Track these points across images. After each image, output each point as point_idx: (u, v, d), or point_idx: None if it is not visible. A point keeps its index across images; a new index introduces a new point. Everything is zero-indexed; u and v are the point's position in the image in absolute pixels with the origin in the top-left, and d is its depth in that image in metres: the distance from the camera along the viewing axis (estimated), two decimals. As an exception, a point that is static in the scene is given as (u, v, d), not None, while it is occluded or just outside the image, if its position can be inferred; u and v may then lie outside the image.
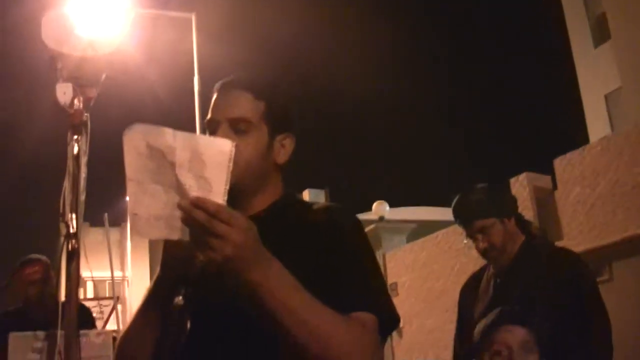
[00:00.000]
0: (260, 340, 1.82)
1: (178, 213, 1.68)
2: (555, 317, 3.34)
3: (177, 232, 1.72)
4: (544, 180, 12.91)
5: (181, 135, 1.72)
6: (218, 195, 1.68)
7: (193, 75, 15.53)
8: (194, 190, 1.68)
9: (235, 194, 1.96)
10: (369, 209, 20.17)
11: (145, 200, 1.73)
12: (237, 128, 2.02)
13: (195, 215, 1.62)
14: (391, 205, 20.75)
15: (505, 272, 3.70)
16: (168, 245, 1.92)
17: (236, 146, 1.89)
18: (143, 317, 2.01)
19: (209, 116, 2.09)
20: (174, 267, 1.94)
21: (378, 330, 1.87)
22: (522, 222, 3.80)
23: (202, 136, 1.76)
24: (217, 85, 2.14)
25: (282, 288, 1.72)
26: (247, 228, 1.67)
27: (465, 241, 3.83)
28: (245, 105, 2.05)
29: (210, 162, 1.70)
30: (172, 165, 1.71)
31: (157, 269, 2.02)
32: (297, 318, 1.72)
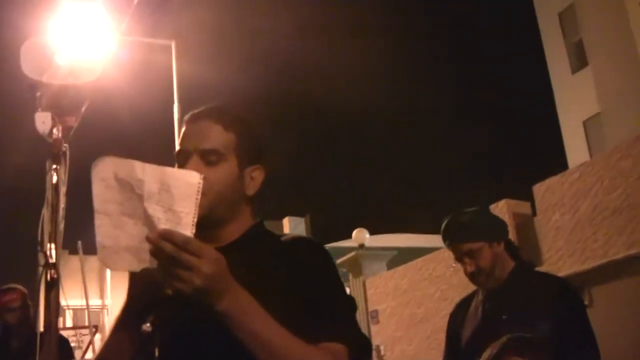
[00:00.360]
0: None
1: (147, 245, 1.68)
2: (552, 340, 3.33)
3: (145, 263, 1.73)
4: (524, 207, 12.95)
5: (150, 168, 1.73)
6: (186, 227, 1.70)
7: (173, 101, 15.52)
8: (162, 222, 1.69)
9: (205, 225, 1.96)
10: (350, 236, 20.16)
11: (114, 232, 1.74)
12: (207, 160, 2.03)
13: (164, 248, 1.63)
14: (371, 233, 20.75)
15: (495, 296, 3.67)
16: (133, 273, 1.90)
17: (206, 178, 1.90)
18: (111, 345, 1.99)
19: (178, 147, 2.09)
20: (140, 295, 1.93)
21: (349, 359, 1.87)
22: (511, 248, 3.77)
23: (171, 169, 1.76)
24: (186, 117, 2.15)
25: (251, 318, 1.74)
26: (216, 259, 1.68)
27: (453, 264, 3.80)
28: (216, 137, 2.06)
29: (178, 195, 1.71)
30: (141, 197, 1.72)
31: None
32: (268, 348, 1.74)
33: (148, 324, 1.98)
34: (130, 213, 1.73)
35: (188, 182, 1.73)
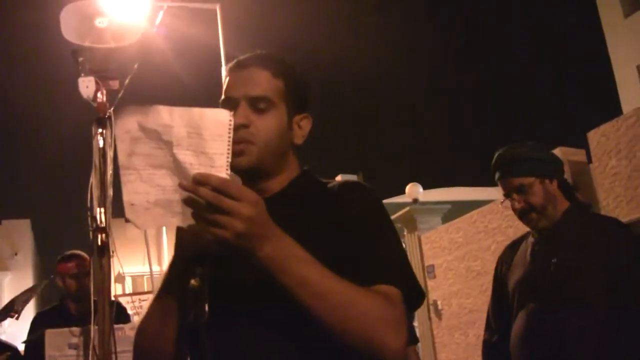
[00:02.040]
0: (282, 317, 1.76)
1: (178, 196, 1.61)
2: (604, 288, 3.22)
3: (178, 216, 1.65)
4: (579, 154, 12.74)
5: (177, 111, 1.64)
6: (221, 169, 1.61)
7: (220, 66, 15.52)
8: (194, 167, 1.61)
9: (253, 175, 1.92)
10: (403, 192, 20.07)
11: (142, 187, 1.65)
12: (256, 107, 1.95)
13: (200, 193, 1.55)
14: (425, 187, 20.64)
15: (546, 238, 3.51)
16: (180, 227, 1.84)
17: (255, 126, 1.83)
18: (160, 302, 1.94)
19: (224, 95, 2.02)
20: (187, 247, 1.86)
21: (403, 303, 1.81)
22: (566, 187, 3.57)
23: (199, 109, 1.66)
24: (231, 64, 2.07)
25: (296, 261, 1.66)
26: (256, 202, 1.60)
27: (501, 201, 3.62)
28: (265, 84, 1.98)
29: (209, 135, 1.62)
30: (169, 144, 1.63)
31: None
32: (314, 290, 1.66)
33: (197, 278, 1.93)
34: (158, 164, 1.65)
35: (218, 120, 1.64)
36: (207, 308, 1.93)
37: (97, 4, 3.75)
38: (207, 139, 1.62)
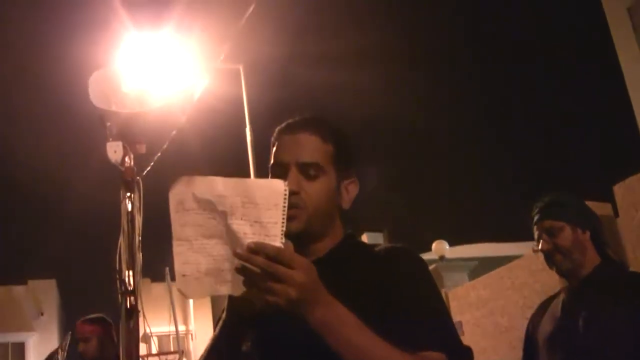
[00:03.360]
0: None
1: (227, 265, 1.64)
2: (637, 340, 3.19)
3: (228, 285, 1.68)
4: (605, 208, 12.66)
5: (231, 182, 1.68)
6: (275, 238, 1.64)
7: (244, 125, 15.63)
8: (248, 236, 1.64)
9: (302, 240, 1.93)
10: (429, 248, 20.00)
11: (193, 257, 1.68)
12: (307, 173, 1.97)
13: (255, 261, 1.58)
14: (451, 244, 20.56)
15: (577, 292, 3.48)
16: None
17: (306, 192, 1.85)
18: None
19: (273, 160, 2.04)
20: (239, 313, 1.89)
21: None
22: (598, 242, 3.56)
23: (253, 179, 1.71)
24: (281, 128, 2.08)
25: (347, 327, 1.68)
26: (308, 269, 1.63)
27: (534, 246, 3.64)
28: (316, 150, 2.01)
29: (263, 205, 1.66)
30: (223, 214, 1.66)
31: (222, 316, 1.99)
32: (364, 356, 1.67)
33: (248, 343, 1.94)
34: (210, 234, 1.68)
35: (273, 190, 1.67)
36: None
37: (123, 70, 3.82)
38: (262, 208, 1.65)
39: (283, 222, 1.67)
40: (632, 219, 12.05)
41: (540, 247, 3.55)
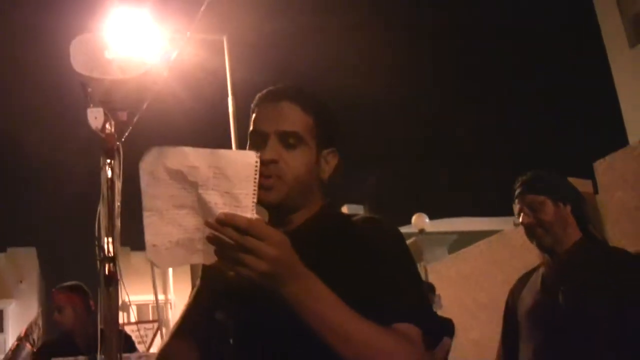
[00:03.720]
0: (305, 353, 1.76)
1: (199, 235, 1.63)
2: (616, 316, 3.21)
3: (199, 254, 1.67)
4: (585, 185, 12.74)
5: (203, 153, 1.67)
6: (246, 209, 1.63)
7: (227, 96, 15.59)
8: (219, 207, 1.62)
9: (280, 211, 1.93)
10: (409, 222, 20.08)
11: (164, 228, 1.68)
12: (287, 142, 1.96)
13: (225, 233, 1.56)
14: (431, 218, 20.65)
15: (556, 267, 3.50)
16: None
17: (285, 161, 1.85)
18: (184, 334, 1.96)
19: (252, 127, 2.02)
20: (213, 283, 1.89)
21: (423, 342, 1.81)
22: (580, 217, 3.57)
23: (225, 150, 1.68)
24: (262, 95, 2.06)
25: (320, 301, 1.67)
26: (281, 242, 1.61)
27: (515, 219, 3.68)
28: (296, 119, 1.99)
29: (235, 176, 1.64)
30: (194, 185, 1.65)
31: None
32: (338, 332, 1.67)
33: (222, 312, 1.94)
34: (182, 204, 1.67)
35: (245, 162, 1.66)
36: (231, 342, 1.95)
37: (106, 37, 3.79)
38: (233, 179, 1.64)
39: (254, 194, 1.65)
40: (612, 196, 12.14)
41: (521, 220, 3.56)
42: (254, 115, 2.05)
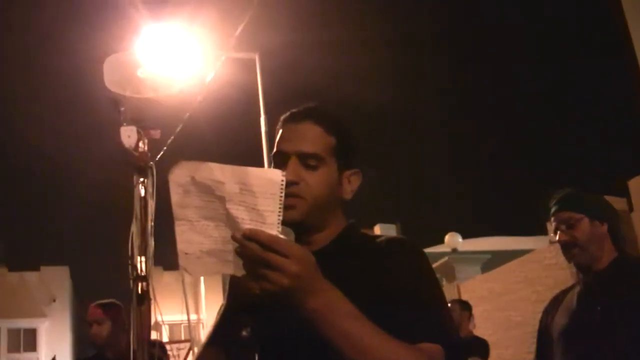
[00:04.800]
0: None
1: (230, 247, 1.64)
2: None
3: (229, 265, 1.68)
4: (620, 203, 12.63)
5: (229, 169, 1.68)
6: (272, 226, 1.64)
7: (259, 115, 15.63)
8: (246, 222, 1.64)
9: (301, 231, 1.93)
10: (442, 241, 20.02)
11: (195, 237, 1.70)
12: (307, 163, 1.97)
13: (249, 247, 1.58)
14: (464, 237, 20.57)
15: (593, 286, 3.46)
16: (232, 276, 1.88)
17: (306, 182, 1.85)
18: (210, 350, 1.97)
19: (276, 149, 2.04)
20: (239, 299, 1.89)
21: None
22: (615, 235, 3.53)
23: (251, 168, 1.69)
24: (285, 117, 2.08)
25: (342, 318, 1.67)
26: (303, 258, 1.62)
27: (550, 236, 3.65)
28: (317, 140, 2.00)
29: (260, 193, 1.65)
30: (222, 199, 1.67)
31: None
32: (359, 346, 1.66)
33: (248, 329, 1.95)
34: (211, 216, 1.69)
35: (270, 179, 1.66)
36: (256, 358, 1.95)
37: (139, 55, 3.82)
38: (259, 196, 1.65)
39: (280, 212, 1.66)
40: (647, 215, 12.03)
41: (557, 238, 3.53)
42: (277, 136, 2.08)
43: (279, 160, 2.00)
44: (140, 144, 3.51)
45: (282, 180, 1.67)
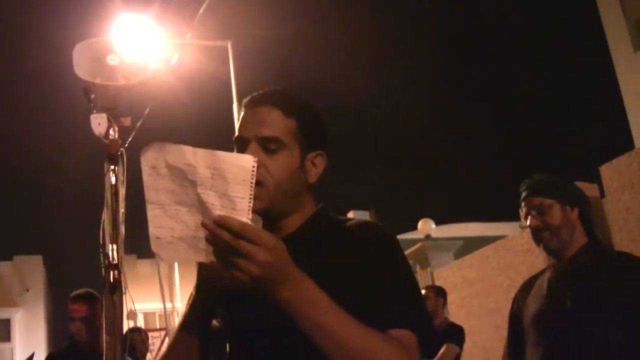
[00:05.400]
0: (301, 358, 1.74)
1: (202, 233, 1.62)
2: (623, 320, 3.19)
3: (201, 253, 1.66)
4: (591, 189, 12.69)
5: (201, 153, 1.66)
6: (242, 212, 1.62)
7: (231, 103, 15.59)
8: (217, 208, 1.62)
9: (268, 216, 1.92)
10: (415, 228, 20.05)
11: (167, 222, 1.68)
12: (267, 147, 1.93)
13: (220, 235, 1.56)
14: (437, 223, 20.61)
15: (563, 272, 3.48)
16: (201, 265, 1.86)
17: (266, 167, 1.83)
18: (181, 340, 1.95)
19: (236, 134, 2.00)
20: (208, 288, 1.89)
21: (419, 349, 1.80)
22: (587, 221, 3.54)
23: (223, 153, 1.66)
24: (245, 101, 2.04)
25: (314, 306, 1.66)
26: (274, 246, 1.59)
27: (521, 222, 3.65)
28: (276, 124, 1.96)
29: (232, 179, 1.63)
30: (193, 184, 1.65)
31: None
32: (333, 336, 1.66)
33: (218, 319, 1.94)
34: (183, 201, 1.67)
35: (242, 166, 1.64)
36: (227, 348, 1.94)
37: (108, 42, 3.78)
38: (230, 182, 1.63)
39: (250, 198, 1.64)
40: (619, 200, 12.10)
41: (528, 223, 3.54)
42: (239, 121, 2.05)
43: (240, 146, 1.96)
44: (111, 132, 3.47)
45: (254, 167, 1.65)
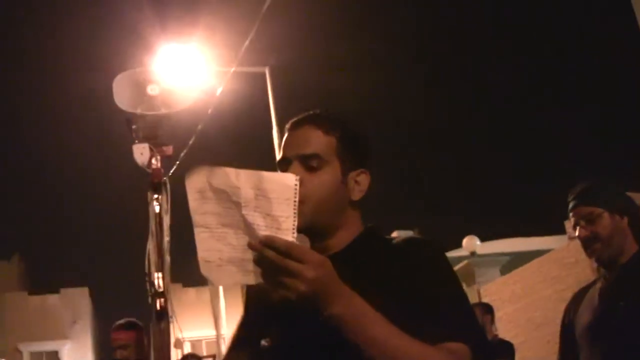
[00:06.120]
0: None
1: (249, 255, 1.62)
2: None
3: (250, 275, 1.67)
4: (639, 198, 12.57)
5: (244, 174, 1.67)
6: (287, 232, 1.63)
7: (271, 128, 15.66)
8: (262, 229, 1.63)
9: (312, 234, 1.92)
10: (460, 245, 19.93)
11: (215, 245, 1.68)
12: (308, 165, 1.94)
13: (267, 255, 1.57)
14: (482, 240, 20.47)
15: (615, 281, 3.38)
16: (249, 287, 1.88)
17: (306, 184, 1.83)
18: None
19: (279, 155, 2.02)
20: (257, 309, 1.90)
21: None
22: (636, 227, 3.42)
23: (266, 173, 1.68)
24: (287, 125, 2.07)
25: (363, 320, 1.66)
26: (320, 263, 1.61)
27: (569, 231, 3.58)
28: (316, 141, 1.98)
29: (275, 199, 1.64)
30: (238, 205, 1.66)
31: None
32: (384, 349, 1.66)
33: (267, 339, 1.94)
34: (229, 223, 1.68)
35: (284, 184, 1.66)
36: None
37: (148, 72, 3.82)
38: (274, 202, 1.64)
39: (295, 217, 1.65)
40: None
41: (577, 234, 3.47)
42: (282, 144, 2.06)
43: (282, 166, 1.98)
44: (153, 161, 3.50)
45: (296, 185, 1.66)
